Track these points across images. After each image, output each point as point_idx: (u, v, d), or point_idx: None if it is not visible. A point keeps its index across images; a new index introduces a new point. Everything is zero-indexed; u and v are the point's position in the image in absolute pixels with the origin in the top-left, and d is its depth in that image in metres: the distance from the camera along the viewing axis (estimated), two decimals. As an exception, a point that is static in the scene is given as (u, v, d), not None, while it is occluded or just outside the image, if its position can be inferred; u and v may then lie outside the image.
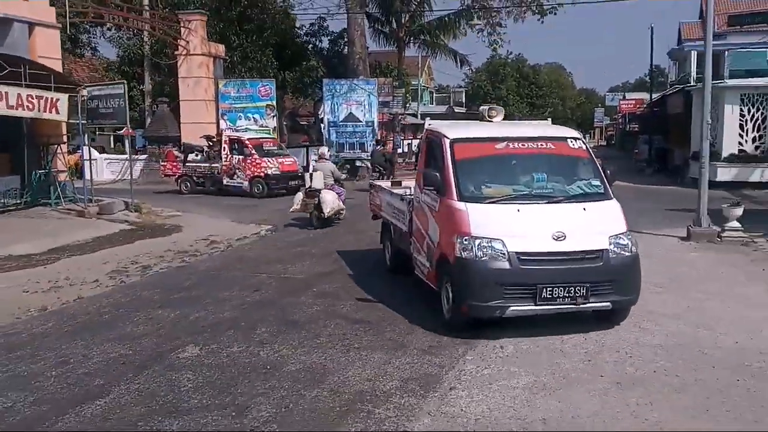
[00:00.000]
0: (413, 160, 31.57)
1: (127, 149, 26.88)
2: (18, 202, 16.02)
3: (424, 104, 55.36)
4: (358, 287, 8.39)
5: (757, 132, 21.94)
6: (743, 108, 22.83)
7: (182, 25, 24.15)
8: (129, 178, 24.10)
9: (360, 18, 27.10)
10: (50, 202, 16.32)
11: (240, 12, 28.66)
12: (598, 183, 6.70)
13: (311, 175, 13.68)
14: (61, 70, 17.05)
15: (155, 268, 9.86)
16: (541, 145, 6.90)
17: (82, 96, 16.05)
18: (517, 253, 5.90)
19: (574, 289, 5.87)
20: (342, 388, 5.05)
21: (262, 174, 19.63)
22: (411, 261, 7.79)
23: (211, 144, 21.15)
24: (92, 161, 18.82)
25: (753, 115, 22.36)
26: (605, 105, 73.79)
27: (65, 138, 17.77)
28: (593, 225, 6.20)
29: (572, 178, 6.80)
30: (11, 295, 8.30)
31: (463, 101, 65.21)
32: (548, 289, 5.84)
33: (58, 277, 9.32)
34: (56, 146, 17.09)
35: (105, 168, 25.91)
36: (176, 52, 24.54)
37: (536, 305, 5.89)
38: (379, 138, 25.59)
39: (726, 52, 35.67)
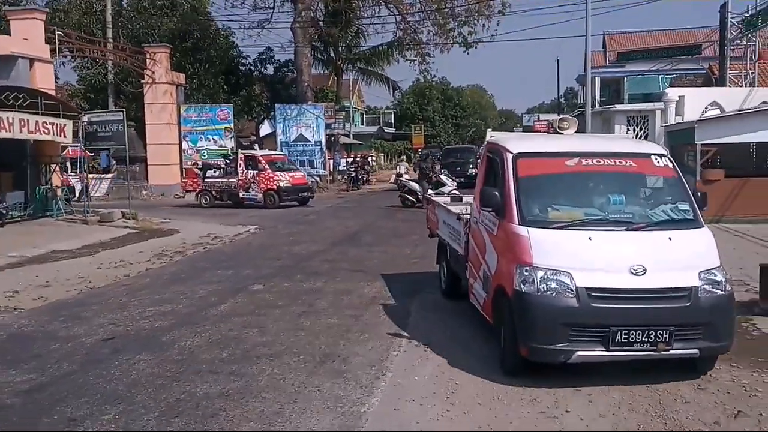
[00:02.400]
0: (345, 178, 35.28)
1: (69, 170, 28.92)
2: (22, 214, 18.56)
3: (356, 125, 59.22)
4: (350, 255, 11.98)
5: (640, 147, 26.31)
6: (629, 127, 27.37)
7: (148, 56, 27.00)
8: (100, 194, 26.74)
9: (307, 51, 30.69)
10: (53, 213, 18.94)
11: (194, 43, 31.73)
12: (686, 207, 5.77)
13: (398, 167, 26.44)
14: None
15: (188, 253, 13.03)
16: (620, 161, 5.99)
17: (83, 122, 18.86)
18: (587, 288, 5.07)
19: (656, 333, 5.04)
20: (363, 296, 8.64)
21: (274, 187, 21.98)
22: (468, 287, 7.11)
23: (228, 161, 23.83)
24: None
25: (637, 134, 26.81)
26: (523, 125, 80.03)
27: (60, 159, 20.44)
28: (680, 257, 5.32)
29: (656, 202, 5.94)
30: (90, 271, 11.25)
31: (392, 122, 69.61)
32: (624, 332, 5.02)
33: (113, 260, 12.30)
34: (55, 165, 19.78)
35: (77, 185, 28.25)
36: (142, 81, 27.33)
37: (609, 350, 5.05)
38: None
39: (625, 78, 41.53)
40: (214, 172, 23.93)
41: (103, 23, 27.61)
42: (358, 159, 36.01)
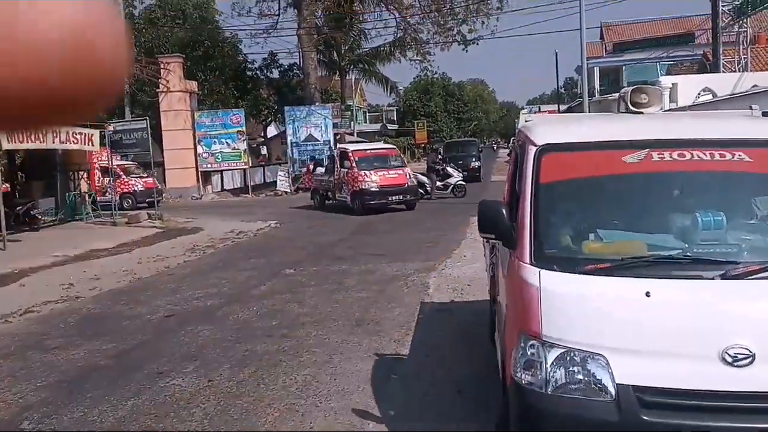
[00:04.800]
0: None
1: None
2: (54, 219, 19.72)
3: (359, 123, 60.31)
4: (368, 242, 13.05)
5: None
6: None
7: (162, 66, 28.13)
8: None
9: (313, 54, 31.81)
10: (82, 217, 20.10)
11: (204, 51, 32.90)
12: None
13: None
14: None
15: (218, 246, 14.11)
16: (723, 155, 3.43)
17: (109, 131, 19.99)
18: (636, 387, 2.81)
19: None
20: (385, 274, 9.69)
21: (357, 189, 18.78)
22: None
23: (332, 156, 22.22)
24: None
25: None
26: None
27: (87, 166, 21.63)
28: None
29: None
30: (132, 265, 12.33)
31: (395, 119, 70.79)
32: None
33: (150, 255, 13.36)
34: (83, 172, 20.94)
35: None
36: (158, 90, 28.50)
37: None
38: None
39: (624, 67, 42.65)
40: (323, 169, 22.24)
41: (117, 35, 28.74)
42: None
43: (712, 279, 2.98)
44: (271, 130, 46.74)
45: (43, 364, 6.32)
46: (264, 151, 46.83)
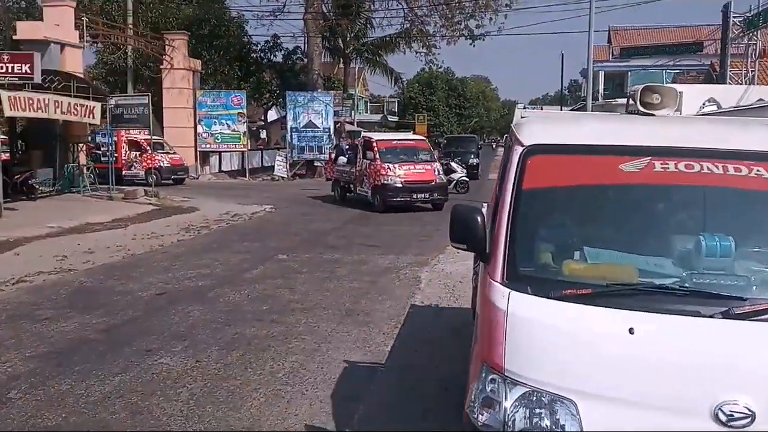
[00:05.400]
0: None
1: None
2: (51, 189, 19.68)
3: (360, 113, 60.21)
4: (359, 233, 13.03)
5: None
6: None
7: (167, 43, 28.01)
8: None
9: (318, 40, 31.70)
10: (79, 189, 20.07)
11: (210, 30, 32.72)
12: None
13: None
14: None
15: (212, 227, 14.12)
16: (738, 168, 2.95)
17: (110, 105, 19.93)
18: None
19: None
20: (377, 265, 9.72)
21: (379, 183, 16.96)
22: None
23: (354, 145, 20.37)
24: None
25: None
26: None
27: (88, 138, 21.59)
28: None
29: None
30: (126, 241, 12.32)
31: (396, 110, 70.65)
32: None
33: (145, 232, 13.36)
34: (82, 144, 20.88)
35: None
36: (161, 66, 28.38)
37: None
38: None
39: (629, 73, 42.83)
40: (345, 158, 20.31)
41: (124, 10, 28.53)
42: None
43: (712, 317, 2.49)
44: (272, 115, 46.61)
45: (33, 335, 6.35)
46: (263, 135, 46.72)
